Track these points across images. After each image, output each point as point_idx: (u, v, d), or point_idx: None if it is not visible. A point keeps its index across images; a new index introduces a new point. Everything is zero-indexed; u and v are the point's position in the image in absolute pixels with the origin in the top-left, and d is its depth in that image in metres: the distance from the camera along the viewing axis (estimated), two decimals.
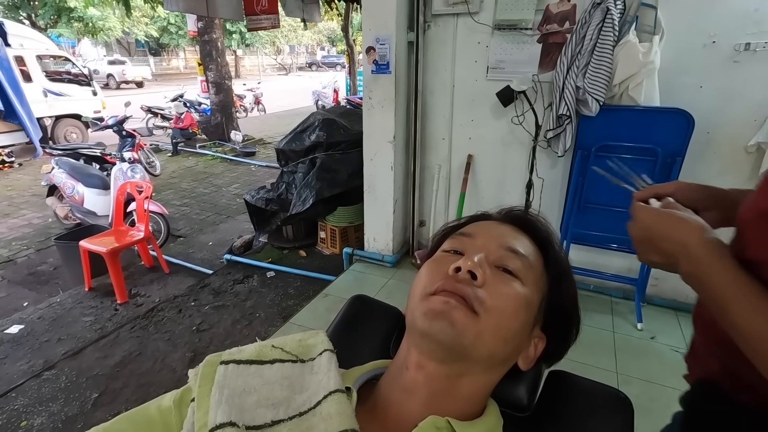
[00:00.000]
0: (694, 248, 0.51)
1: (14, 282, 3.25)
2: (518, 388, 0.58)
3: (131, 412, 0.48)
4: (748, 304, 0.45)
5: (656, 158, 2.03)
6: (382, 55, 2.44)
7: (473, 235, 0.56)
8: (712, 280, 0.49)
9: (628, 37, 1.95)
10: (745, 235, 0.53)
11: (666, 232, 0.54)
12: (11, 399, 1.92)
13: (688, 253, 0.51)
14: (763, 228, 0.49)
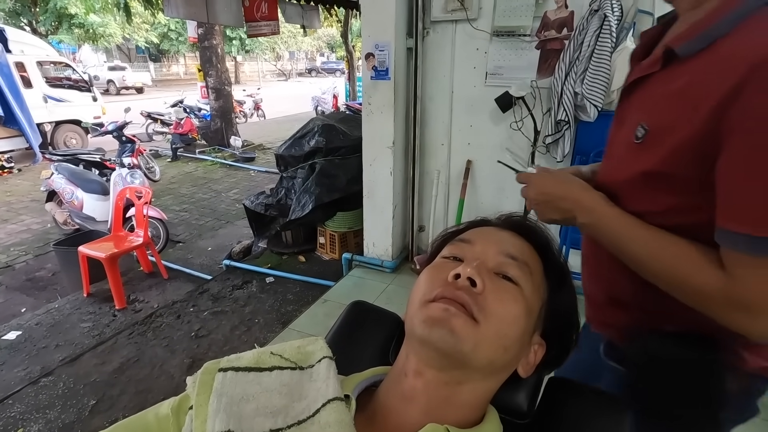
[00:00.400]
0: (588, 202, 0.64)
1: (12, 288, 3.23)
2: (518, 395, 0.57)
3: (128, 421, 0.48)
4: (642, 236, 0.58)
5: None
6: (381, 61, 2.45)
7: (472, 242, 0.56)
8: (607, 224, 0.62)
9: (626, 43, 1.97)
10: (619, 193, 0.64)
11: (562, 193, 0.67)
12: (8, 406, 1.91)
13: (583, 206, 0.64)
14: (642, 185, 0.60)
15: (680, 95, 0.55)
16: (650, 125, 0.58)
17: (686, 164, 0.54)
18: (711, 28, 0.53)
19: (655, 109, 0.59)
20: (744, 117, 0.47)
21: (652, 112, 0.60)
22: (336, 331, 0.70)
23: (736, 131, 0.48)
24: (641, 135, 0.59)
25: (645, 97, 0.62)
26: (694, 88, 0.53)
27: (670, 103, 0.56)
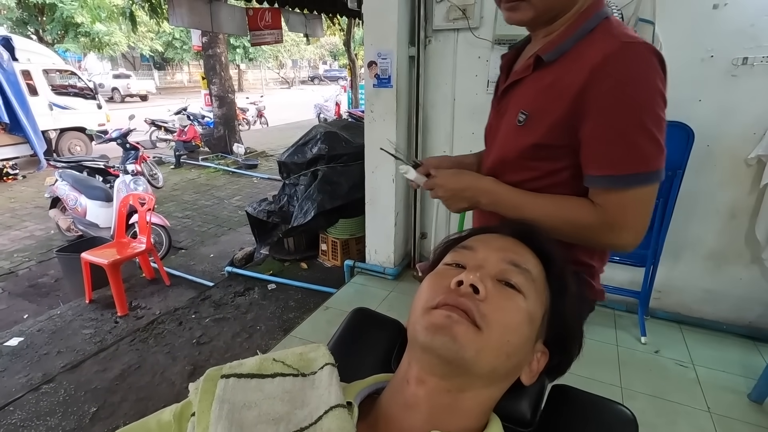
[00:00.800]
0: (487, 186, 0.83)
1: (15, 294, 3.24)
2: (521, 403, 0.57)
3: (130, 427, 0.48)
4: (535, 202, 0.78)
5: None
6: (383, 69, 2.47)
7: (475, 249, 0.56)
8: (506, 199, 0.80)
9: None
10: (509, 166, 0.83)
11: (464, 185, 0.84)
12: (9, 413, 1.90)
13: (483, 191, 0.83)
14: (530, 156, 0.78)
15: (550, 88, 0.74)
16: (529, 111, 0.77)
17: (559, 136, 0.74)
18: (563, 43, 0.74)
19: (532, 100, 0.78)
20: (597, 98, 0.68)
21: (529, 102, 0.78)
22: (338, 338, 0.70)
23: (593, 108, 0.69)
24: (523, 119, 0.78)
25: (521, 93, 0.81)
26: (558, 82, 0.73)
27: (543, 94, 0.75)
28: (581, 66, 0.69)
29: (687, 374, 1.98)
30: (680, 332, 2.29)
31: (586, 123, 0.70)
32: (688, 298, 2.34)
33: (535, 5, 0.72)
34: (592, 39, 0.71)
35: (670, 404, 1.79)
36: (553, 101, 0.73)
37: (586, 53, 0.70)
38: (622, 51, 0.66)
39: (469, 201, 0.84)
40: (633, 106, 0.67)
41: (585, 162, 0.72)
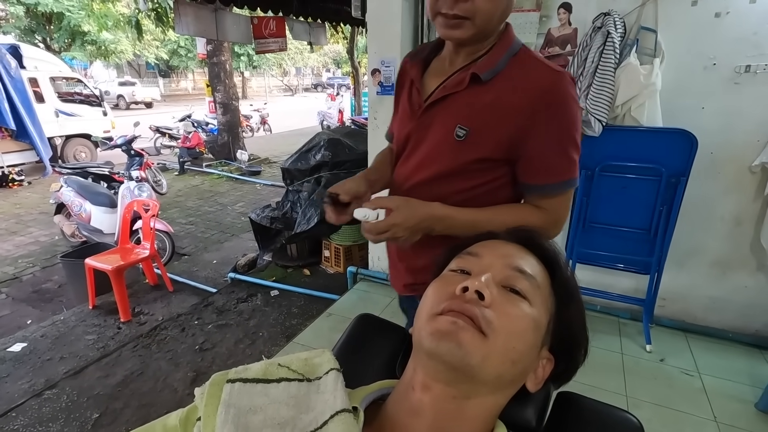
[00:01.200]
0: (440, 213, 0.82)
1: (19, 299, 3.25)
2: (526, 410, 0.57)
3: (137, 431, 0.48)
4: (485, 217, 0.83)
5: (660, 178, 2.03)
6: (387, 77, 2.49)
7: (480, 255, 0.56)
8: (462, 221, 0.82)
9: (629, 59, 1.99)
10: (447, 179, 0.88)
11: (418, 218, 0.81)
12: (11, 419, 1.90)
13: (438, 218, 0.82)
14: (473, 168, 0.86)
15: (493, 107, 0.80)
16: (470, 127, 0.82)
17: (503, 151, 0.82)
18: (498, 64, 0.81)
19: (472, 116, 0.82)
20: (544, 120, 0.78)
21: (468, 118, 0.82)
22: (343, 344, 0.70)
23: (540, 128, 0.78)
24: (463, 134, 0.82)
25: (455, 108, 0.84)
26: (501, 102, 0.79)
27: (486, 112, 0.81)
28: (524, 89, 0.78)
29: (693, 383, 1.96)
30: (685, 340, 2.27)
31: (531, 140, 0.80)
32: (693, 305, 2.32)
33: (477, 25, 0.76)
34: (523, 64, 0.81)
35: (676, 413, 1.78)
36: (499, 119, 0.80)
37: (525, 77, 0.79)
38: (560, 80, 0.78)
39: (424, 231, 0.82)
40: (569, 126, 0.80)
41: (530, 173, 0.83)
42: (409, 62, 0.95)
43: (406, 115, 0.93)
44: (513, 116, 0.78)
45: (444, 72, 0.88)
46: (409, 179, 0.93)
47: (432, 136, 0.87)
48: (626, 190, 2.14)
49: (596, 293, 2.35)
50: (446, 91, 0.84)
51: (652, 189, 2.08)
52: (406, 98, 0.94)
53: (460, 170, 0.85)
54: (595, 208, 2.22)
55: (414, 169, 0.92)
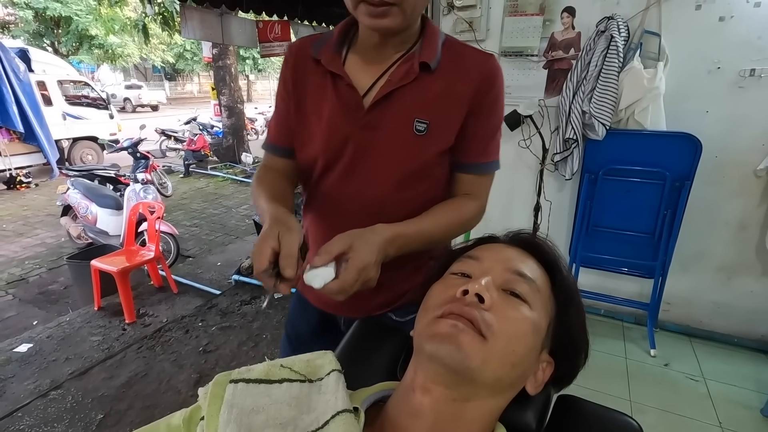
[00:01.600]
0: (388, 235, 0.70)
1: (25, 301, 3.28)
2: (526, 413, 0.57)
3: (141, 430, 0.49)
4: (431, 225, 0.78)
5: (664, 182, 2.03)
6: None
7: (480, 258, 0.57)
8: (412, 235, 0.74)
9: (633, 63, 1.99)
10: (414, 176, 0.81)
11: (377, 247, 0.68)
12: (17, 419, 1.91)
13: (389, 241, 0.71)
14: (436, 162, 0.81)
15: (446, 96, 0.77)
16: (429, 119, 0.77)
17: (455, 138, 0.80)
18: (437, 51, 0.77)
19: (428, 108, 0.77)
20: (486, 102, 0.78)
21: (425, 110, 0.77)
22: (344, 346, 0.71)
23: (483, 110, 0.79)
24: (424, 128, 0.77)
25: (409, 101, 0.77)
26: (452, 90, 0.77)
27: (441, 101, 0.77)
28: (469, 75, 0.77)
29: (697, 388, 1.95)
30: (690, 345, 2.26)
31: (474, 122, 0.79)
32: (698, 310, 2.31)
33: (405, 10, 0.70)
34: (455, 50, 0.79)
35: (681, 419, 1.76)
36: (453, 108, 0.78)
37: (465, 63, 0.78)
38: (495, 63, 0.79)
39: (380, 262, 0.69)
40: (501, 107, 0.83)
41: (470, 153, 0.82)
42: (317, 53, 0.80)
43: (337, 117, 0.79)
44: (464, 103, 0.77)
45: (374, 64, 0.79)
46: (361, 193, 0.81)
47: (386, 136, 0.78)
48: (630, 194, 2.14)
49: (600, 297, 2.34)
50: (393, 84, 0.75)
51: (656, 193, 2.08)
52: (334, 97, 0.78)
53: (424, 168, 0.80)
54: (598, 212, 2.22)
55: (366, 180, 0.80)
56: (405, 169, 0.80)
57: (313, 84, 0.81)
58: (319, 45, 0.80)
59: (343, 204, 0.83)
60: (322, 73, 0.80)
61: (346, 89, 0.78)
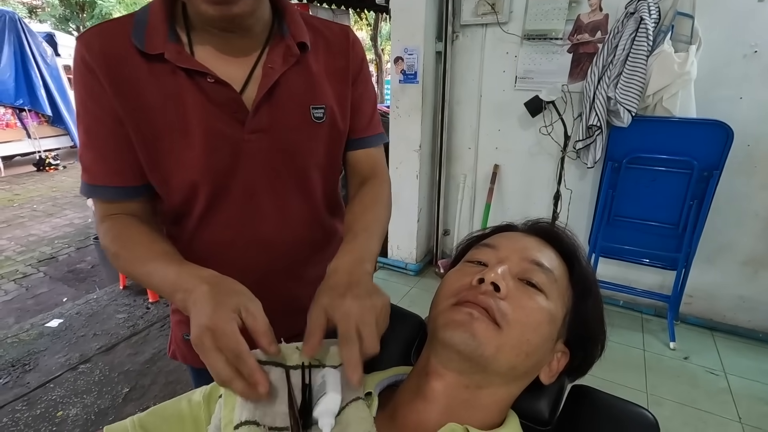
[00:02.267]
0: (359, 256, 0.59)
1: (55, 278, 3.42)
2: (540, 401, 0.57)
3: (163, 406, 0.51)
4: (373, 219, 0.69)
5: (692, 171, 1.96)
6: (409, 65, 2.46)
7: (497, 247, 0.57)
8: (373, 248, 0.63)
9: (663, 47, 1.90)
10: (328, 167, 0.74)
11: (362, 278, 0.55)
12: (49, 389, 2.02)
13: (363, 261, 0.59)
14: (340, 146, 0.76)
15: (329, 75, 0.70)
16: (324, 103, 0.68)
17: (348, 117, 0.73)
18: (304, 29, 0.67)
19: (317, 91, 0.67)
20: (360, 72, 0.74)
21: (317, 93, 0.67)
22: None
23: (359, 81, 0.74)
24: (321, 114, 0.68)
25: (295, 88, 0.65)
26: (331, 67, 0.70)
27: (327, 82, 0.69)
28: (339, 49, 0.71)
29: (718, 383, 1.91)
30: (712, 339, 2.21)
31: (357, 96, 0.74)
32: (722, 304, 2.25)
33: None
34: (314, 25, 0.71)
35: (699, 412, 1.74)
36: (340, 85, 0.71)
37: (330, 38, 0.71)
38: (354, 34, 0.75)
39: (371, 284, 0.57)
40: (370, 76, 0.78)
41: (361, 128, 0.76)
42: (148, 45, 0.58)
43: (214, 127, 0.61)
44: (346, 78, 0.71)
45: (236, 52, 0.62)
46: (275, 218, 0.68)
47: (283, 136, 0.65)
48: (655, 184, 2.07)
49: (619, 288, 2.30)
50: (277, 72, 0.62)
51: (682, 182, 2.01)
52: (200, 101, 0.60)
53: (330, 158, 0.72)
54: (620, 202, 2.16)
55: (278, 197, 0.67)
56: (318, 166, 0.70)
57: (155, 89, 0.59)
58: (140, 33, 0.58)
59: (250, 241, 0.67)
60: (167, 73, 0.58)
61: (217, 89, 0.60)
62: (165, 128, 0.60)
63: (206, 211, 0.66)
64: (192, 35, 0.61)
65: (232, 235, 0.68)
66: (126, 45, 0.58)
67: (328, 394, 0.46)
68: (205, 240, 0.68)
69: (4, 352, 2.28)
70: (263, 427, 0.44)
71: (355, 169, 0.79)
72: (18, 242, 3.97)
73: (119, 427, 0.47)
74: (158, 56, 0.57)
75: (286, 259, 0.68)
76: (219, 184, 0.64)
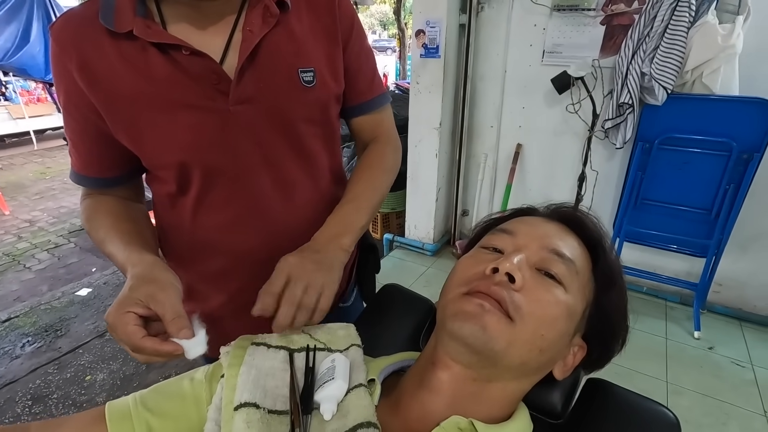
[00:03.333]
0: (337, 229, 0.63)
1: (85, 249, 3.55)
2: (553, 394, 0.55)
3: (166, 383, 0.51)
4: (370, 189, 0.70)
5: (730, 153, 1.84)
6: (431, 39, 2.37)
7: (515, 233, 0.53)
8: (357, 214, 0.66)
9: (707, 17, 1.76)
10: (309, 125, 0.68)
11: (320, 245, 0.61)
12: (79, 355, 2.12)
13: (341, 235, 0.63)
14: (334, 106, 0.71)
15: (315, 34, 0.64)
16: (313, 65, 0.63)
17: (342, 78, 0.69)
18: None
19: (304, 52, 0.63)
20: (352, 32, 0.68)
21: (304, 55, 0.63)
22: (367, 313, 0.71)
23: (355, 42, 0.69)
24: (311, 77, 0.63)
25: (280, 50, 0.61)
26: (319, 25, 0.64)
27: (314, 41, 0.64)
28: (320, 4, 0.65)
29: (744, 374, 1.85)
30: (740, 329, 2.12)
31: (353, 56, 0.69)
32: (754, 293, 2.15)
33: None
34: None
35: (721, 404, 1.69)
36: (329, 44, 0.65)
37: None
38: None
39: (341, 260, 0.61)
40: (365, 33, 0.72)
41: (361, 92, 0.72)
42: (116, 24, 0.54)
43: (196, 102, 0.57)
44: (335, 36, 0.65)
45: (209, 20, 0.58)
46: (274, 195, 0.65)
47: (273, 104, 0.61)
48: (688, 166, 1.96)
49: (643, 274, 2.22)
50: (257, 36, 0.58)
51: (718, 165, 1.89)
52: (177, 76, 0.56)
53: (327, 125, 0.69)
54: (649, 184, 2.06)
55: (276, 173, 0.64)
56: (316, 135, 0.67)
57: (128, 72, 0.55)
58: (108, 12, 0.54)
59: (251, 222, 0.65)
60: (138, 50, 0.55)
61: (194, 60, 0.56)
62: (144, 111, 0.57)
63: (202, 193, 0.64)
64: (162, 6, 0.57)
65: (231, 216, 0.65)
66: (95, 28, 0.54)
67: (335, 380, 0.46)
68: (204, 225, 0.66)
69: (38, 318, 2.40)
70: (263, 409, 0.43)
71: (360, 136, 0.77)
72: (50, 214, 4.13)
73: (121, 403, 0.47)
74: (127, 34, 0.54)
75: (292, 239, 0.64)
76: (210, 161, 0.61)
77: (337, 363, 0.48)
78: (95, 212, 0.64)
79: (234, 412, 0.43)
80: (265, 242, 0.66)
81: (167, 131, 0.58)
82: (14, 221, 3.93)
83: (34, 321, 2.38)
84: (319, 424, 0.44)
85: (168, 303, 0.48)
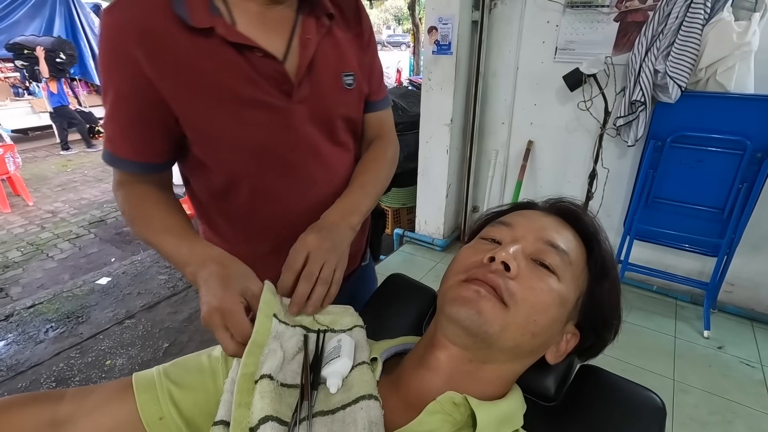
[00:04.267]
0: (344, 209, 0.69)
1: (104, 239, 3.67)
2: (546, 378, 0.58)
3: (186, 358, 0.55)
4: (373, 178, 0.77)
5: (743, 152, 1.82)
6: (444, 35, 2.39)
7: (513, 225, 0.56)
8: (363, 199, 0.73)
9: (722, 14, 1.74)
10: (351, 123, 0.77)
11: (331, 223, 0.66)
12: (99, 340, 2.21)
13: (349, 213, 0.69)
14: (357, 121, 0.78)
15: (351, 41, 0.72)
16: (353, 70, 0.71)
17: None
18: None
19: (347, 58, 0.71)
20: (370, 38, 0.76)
21: (346, 61, 0.70)
22: (372, 300, 0.74)
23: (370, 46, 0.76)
24: (351, 81, 0.71)
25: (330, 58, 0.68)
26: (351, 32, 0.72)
27: (351, 48, 0.72)
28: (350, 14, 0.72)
29: (753, 374, 1.84)
30: (751, 330, 2.11)
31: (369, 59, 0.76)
32: (766, 294, 2.13)
33: None
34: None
35: (728, 403, 1.68)
36: (361, 50, 0.74)
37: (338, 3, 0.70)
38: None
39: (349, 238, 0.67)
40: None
41: (373, 91, 0.79)
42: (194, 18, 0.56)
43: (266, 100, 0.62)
44: (362, 44, 0.74)
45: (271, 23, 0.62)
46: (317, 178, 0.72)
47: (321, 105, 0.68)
48: (700, 164, 1.95)
49: (654, 273, 2.22)
50: (315, 44, 0.65)
51: (731, 164, 1.88)
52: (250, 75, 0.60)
53: (358, 123, 0.78)
54: (661, 183, 2.05)
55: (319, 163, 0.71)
56: (351, 131, 0.76)
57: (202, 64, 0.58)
58: (180, 3, 0.55)
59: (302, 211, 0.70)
60: (214, 47, 0.57)
61: (266, 62, 0.60)
62: (216, 104, 0.60)
63: (259, 184, 0.69)
64: (231, 7, 0.60)
65: (283, 206, 0.71)
66: (167, 15, 0.55)
67: (341, 358, 0.50)
68: (259, 214, 0.72)
69: (61, 305, 2.50)
70: (276, 381, 0.47)
71: (366, 131, 0.83)
72: (71, 205, 4.27)
73: (147, 374, 0.52)
74: (204, 30, 0.56)
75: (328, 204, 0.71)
76: (272, 155, 0.66)
77: (342, 342, 0.52)
78: (142, 200, 0.65)
79: (255, 384, 0.46)
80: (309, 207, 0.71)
81: (243, 126, 0.62)
82: (38, 212, 4.07)
83: (57, 308, 2.48)
84: (326, 397, 0.48)
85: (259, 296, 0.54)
